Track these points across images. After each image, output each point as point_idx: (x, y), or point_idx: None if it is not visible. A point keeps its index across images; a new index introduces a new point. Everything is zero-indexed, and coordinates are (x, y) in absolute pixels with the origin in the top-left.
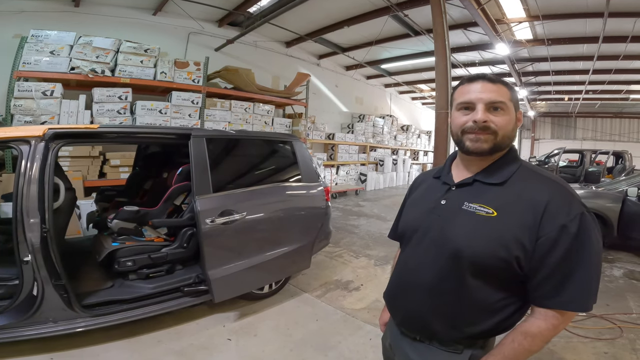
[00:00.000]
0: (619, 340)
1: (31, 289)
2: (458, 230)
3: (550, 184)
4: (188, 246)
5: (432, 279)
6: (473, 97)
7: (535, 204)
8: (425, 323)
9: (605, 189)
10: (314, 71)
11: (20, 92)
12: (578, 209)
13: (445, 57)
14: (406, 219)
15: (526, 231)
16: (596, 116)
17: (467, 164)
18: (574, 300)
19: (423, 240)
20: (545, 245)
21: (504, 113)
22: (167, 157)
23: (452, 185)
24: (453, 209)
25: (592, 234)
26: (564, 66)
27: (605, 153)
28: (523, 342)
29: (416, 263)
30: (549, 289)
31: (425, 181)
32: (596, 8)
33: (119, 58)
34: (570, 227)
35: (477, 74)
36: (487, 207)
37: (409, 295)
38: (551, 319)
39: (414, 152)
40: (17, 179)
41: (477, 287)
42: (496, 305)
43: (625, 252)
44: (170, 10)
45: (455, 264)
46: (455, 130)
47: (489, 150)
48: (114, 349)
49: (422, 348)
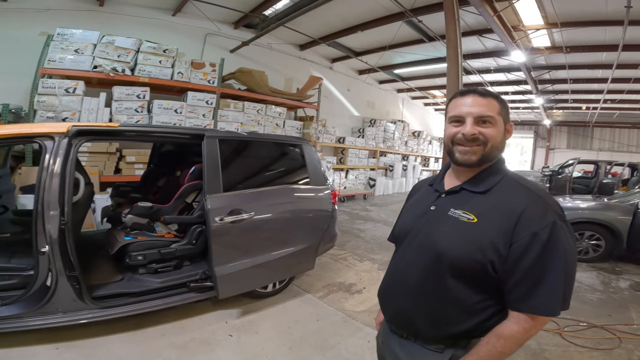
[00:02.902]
0: (617, 350)
1: (45, 280)
2: (441, 234)
3: (528, 193)
4: (197, 243)
5: (417, 279)
6: (463, 111)
7: (512, 211)
8: (410, 320)
9: (617, 201)
10: (327, 74)
11: (44, 88)
12: (551, 217)
13: (457, 64)
14: (401, 223)
15: (501, 237)
16: (614, 126)
17: (458, 173)
18: (542, 304)
19: (412, 242)
20: (517, 250)
21: (492, 126)
22: (180, 155)
23: (442, 192)
24: (440, 215)
25: (563, 241)
26: (582, 74)
27: (621, 165)
28: (496, 344)
29: (405, 264)
30: (521, 293)
31: (422, 188)
32: (616, 16)
33: (139, 58)
34: (542, 234)
35: (469, 88)
36: (469, 214)
37: (397, 294)
38: (523, 322)
39: (424, 159)
40: (40, 173)
41: (456, 289)
42: (475, 307)
43: (633, 265)
44: (188, 11)
45: (437, 266)
46: (447, 141)
47: (476, 161)
48: (119, 341)
49: (408, 345)
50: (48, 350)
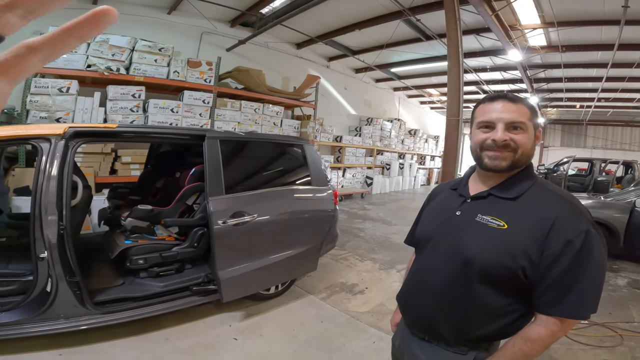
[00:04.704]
0: (619, 347)
1: (45, 285)
2: (470, 240)
3: (560, 201)
4: (198, 246)
5: (442, 284)
6: (494, 116)
7: (544, 220)
8: (434, 325)
9: (613, 199)
10: (324, 73)
11: (36, 88)
12: (584, 226)
13: (458, 64)
14: (423, 227)
15: (534, 244)
16: (607, 124)
17: (484, 179)
18: (573, 309)
19: (437, 247)
20: (550, 257)
21: (523, 132)
22: (179, 156)
23: (468, 197)
24: (467, 220)
25: (596, 249)
26: (577, 73)
27: (615, 162)
28: (523, 347)
29: (429, 268)
30: (551, 298)
31: (443, 192)
32: (613, 15)
33: (134, 56)
34: (575, 242)
35: (499, 93)
36: (499, 220)
37: (421, 298)
38: (551, 325)
39: (420, 157)
40: (36, 176)
41: (484, 294)
42: (501, 311)
43: (630, 262)
44: (184, 9)
45: (465, 271)
46: (475, 147)
47: (507, 167)
48: (122, 346)
49: (429, 348)
50: (52, 357)
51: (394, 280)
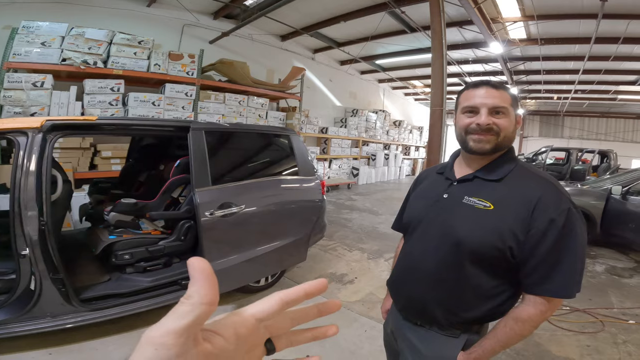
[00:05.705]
0: (601, 333)
1: (28, 284)
2: (459, 221)
3: (542, 182)
4: (185, 239)
5: (433, 267)
6: (478, 102)
7: (528, 199)
8: (425, 308)
9: (590, 187)
10: (309, 65)
11: (10, 83)
12: (566, 204)
13: (442, 56)
14: (411, 211)
15: (519, 223)
16: (584, 115)
17: (469, 162)
18: (559, 287)
19: (427, 230)
20: (535, 236)
21: (505, 117)
22: (162, 149)
23: (454, 180)
24: (454, 202)
25: (578, 228)
26: (555, 66)
27: (591, 152)
28: (514, 327)
29: (420, 251)
30: (538, 278)
31: (429, 176)
32: (591, 9)
33: (111, 49)
34: (558, 220)
35: (482, 80)
36: (485, 201)
37: (412, 282)
38: (539, 305)
39: (405, 147)
40: (14, 171)
41: (474, 275)
42: (491, 292)
43: (607, 249)
44: (164, 1)
45: (456, 253)
46: (460, 131)
47: (490, 150)
48: (113, 343)
49: (423, 332)
50: (41, 356)
51: (382, 269)
